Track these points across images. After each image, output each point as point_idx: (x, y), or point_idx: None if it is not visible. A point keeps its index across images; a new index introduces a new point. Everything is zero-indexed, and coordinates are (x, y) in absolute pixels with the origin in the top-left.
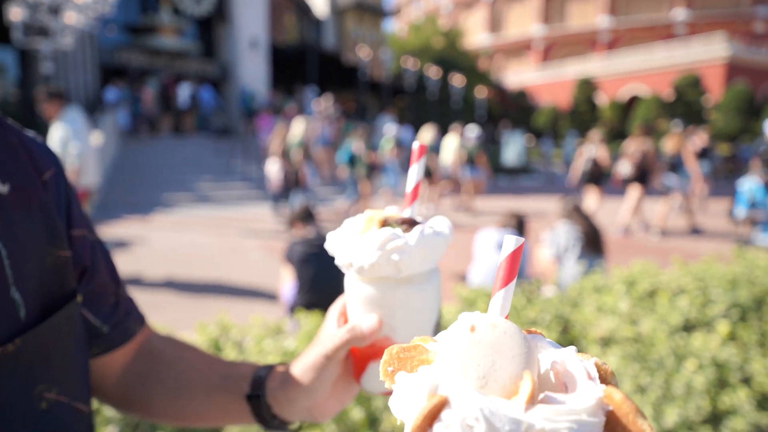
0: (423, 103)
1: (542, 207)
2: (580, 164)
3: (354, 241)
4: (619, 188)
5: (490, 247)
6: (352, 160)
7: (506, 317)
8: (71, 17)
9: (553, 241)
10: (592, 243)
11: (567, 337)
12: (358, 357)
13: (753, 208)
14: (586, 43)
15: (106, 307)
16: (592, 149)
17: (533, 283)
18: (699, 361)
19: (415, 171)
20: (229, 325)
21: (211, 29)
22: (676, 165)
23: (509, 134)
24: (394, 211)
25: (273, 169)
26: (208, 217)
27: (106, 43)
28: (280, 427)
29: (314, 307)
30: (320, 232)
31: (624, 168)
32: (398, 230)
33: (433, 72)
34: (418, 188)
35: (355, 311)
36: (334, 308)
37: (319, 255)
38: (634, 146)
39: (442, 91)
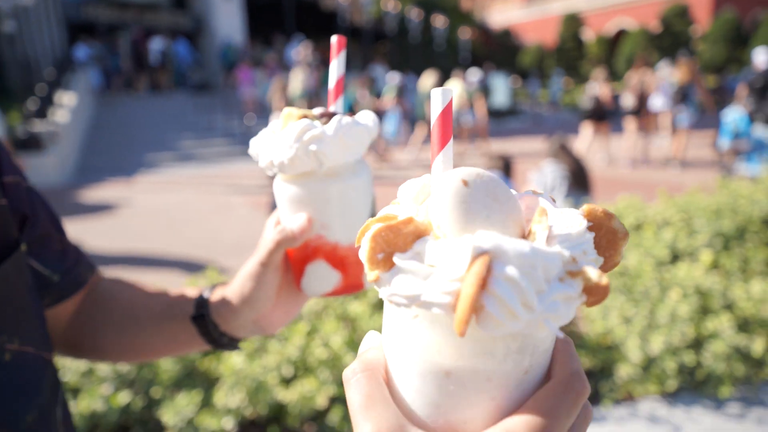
0: (405, 47)
1: (531, 148)
2: (587, 101)
3: (272, 138)
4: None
5: None
6: (352, 109)
7: None
8: None
9: (540, 180)
10: (579, 180)
11: None
12: (296, 261)
13: (737, 138)
14: None
15: (53, 255)
16: (595, 87)
17: None
18: (683, 290)
19: (336, 66)
20: (219, 279)
21: None
22: (686, 94)
23: (494, 76)
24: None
25: None
26: (192, 176)
27: None
28: (231, 344)
29: None
30: None
31: (627, 100)
32: (316, 122)
33: (414, 14)
34: (341, 84)
35: (286, 215)
36: (271, 218)
37: None
38: (636, 78)
39: (424, 33)
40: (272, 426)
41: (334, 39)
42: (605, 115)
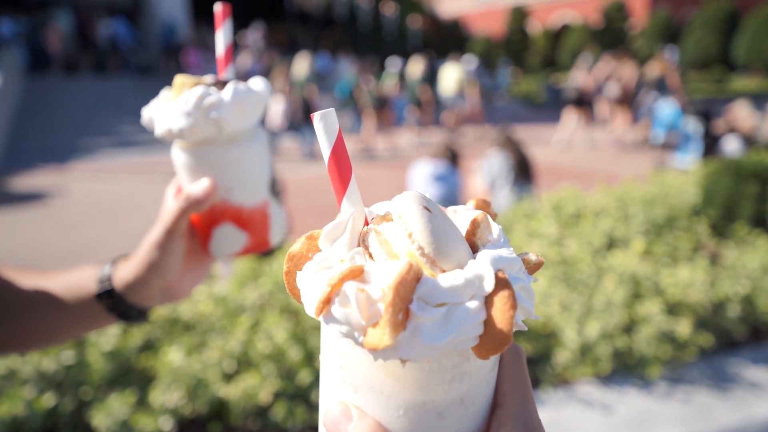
0: (355, 33)
1: (481, 138)
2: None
3: (168, 107)
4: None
5: (424, 179)
6: (352, 95)
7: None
8: None
9: (486, 170)
10: (523, 171)
11: None
12: (202, 226)
13: (670, 131)
14: None
15: None
16: (578, 76)
17: None
18: (618, 276)
19: (222, 35)
20: None
21: None
22: (660, 87)
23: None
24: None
25: (278, 108)
26: (132, 164)
27: None
28: (140, 316)
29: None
30: None
31: (612, 90)
32: (212, 89)
33: (364, 0)
34: (230, 52)
35: (187, 181)
36: (170, 187)
37: None
38: (621, 70)
39: (374, 20)
40: (214, 424)
41: (218, 7)
42: (587, 103)
